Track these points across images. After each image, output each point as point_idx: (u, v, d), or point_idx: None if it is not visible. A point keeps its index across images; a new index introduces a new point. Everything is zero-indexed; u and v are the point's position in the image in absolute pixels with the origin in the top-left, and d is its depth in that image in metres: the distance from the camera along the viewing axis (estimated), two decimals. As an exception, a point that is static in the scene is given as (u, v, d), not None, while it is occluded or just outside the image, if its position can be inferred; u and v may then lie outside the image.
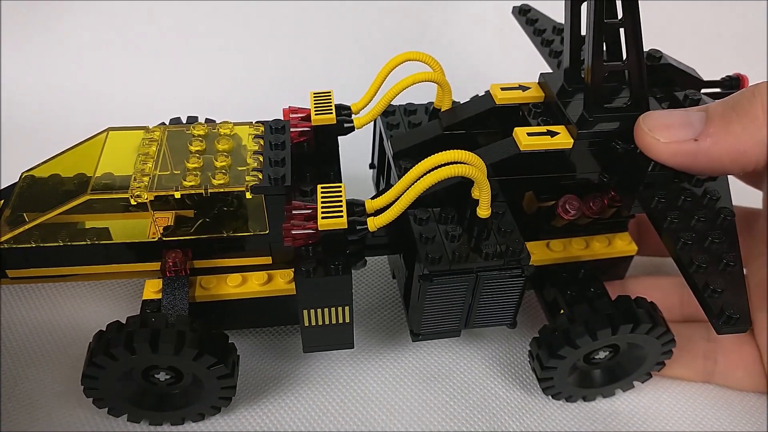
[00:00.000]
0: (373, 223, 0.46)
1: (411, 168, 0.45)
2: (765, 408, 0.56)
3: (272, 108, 0.58)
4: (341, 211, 0.46)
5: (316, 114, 0.53)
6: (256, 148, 0.50)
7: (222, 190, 0.47)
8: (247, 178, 0.47)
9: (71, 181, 0.51)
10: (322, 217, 0.45)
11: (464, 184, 0.47)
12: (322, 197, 0.47)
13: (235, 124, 0.52)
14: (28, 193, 0.51)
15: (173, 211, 0.51)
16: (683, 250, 0.44)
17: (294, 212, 0.46)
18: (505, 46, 0.98)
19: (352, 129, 0.55)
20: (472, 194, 0.47)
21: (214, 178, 0.47)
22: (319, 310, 0.48)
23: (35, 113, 0.85)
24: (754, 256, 0.56)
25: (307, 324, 0.49)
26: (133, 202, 0.46)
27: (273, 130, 0.52)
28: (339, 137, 0.55)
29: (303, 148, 0.53)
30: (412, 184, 0.45)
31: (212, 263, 0.52)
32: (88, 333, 0.49)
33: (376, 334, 0.61)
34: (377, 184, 0.65)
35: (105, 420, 0.52)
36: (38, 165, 0.52)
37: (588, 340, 0.49)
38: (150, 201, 0.47)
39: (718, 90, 0.57)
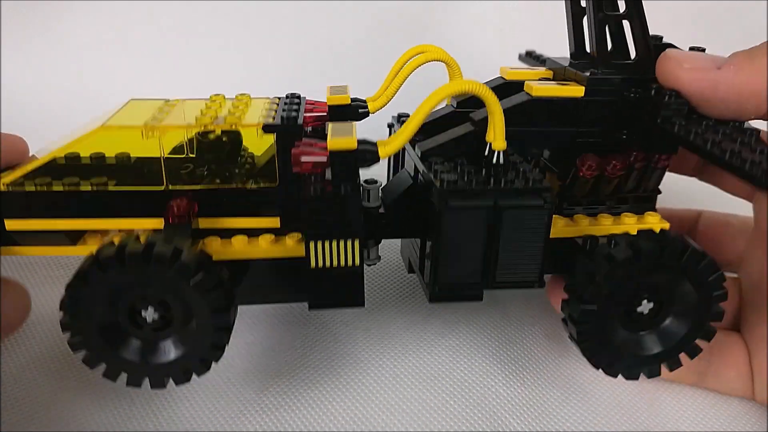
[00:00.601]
0: (384, 150, 0.46)
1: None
2: (765, 408, 0.56)
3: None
4: (351, 133, 0.46)
5: (331, 94, 0.55)
6: (271, 108, 0.51)
7: (233, 128, 0.48)
8: (260, 119, 0.48)
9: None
10: (332, 137, 0.45)
11: (474, 137, 0.49)
12: (333, 125, 0.48)
13: (252, 98, 0.54)
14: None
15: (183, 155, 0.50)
16: (714, 146, 0.45)
17: (304, 140, 0.47)
18: (505, 46, 0.97)
19: (367, 114, 0.56)
20: (486, 138, 0.48)
21: (227, 119, 0.48)
22: (326, 243, 0.47)
23: (35, 113, 0.85)
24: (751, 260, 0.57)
25: (313, 265, 0.47)
26: (145, 136, 0.47)
27: (288, 99, 0.54)
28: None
29: (318, 134, 0.54)
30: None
31: (218, 223, 0.50)
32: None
33: (377, 334, 0.61)
34: None
35: (106, 419, 0.52)
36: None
37: (629, 252, 0.46)
38: (161, 138, 0.47)
39: None
